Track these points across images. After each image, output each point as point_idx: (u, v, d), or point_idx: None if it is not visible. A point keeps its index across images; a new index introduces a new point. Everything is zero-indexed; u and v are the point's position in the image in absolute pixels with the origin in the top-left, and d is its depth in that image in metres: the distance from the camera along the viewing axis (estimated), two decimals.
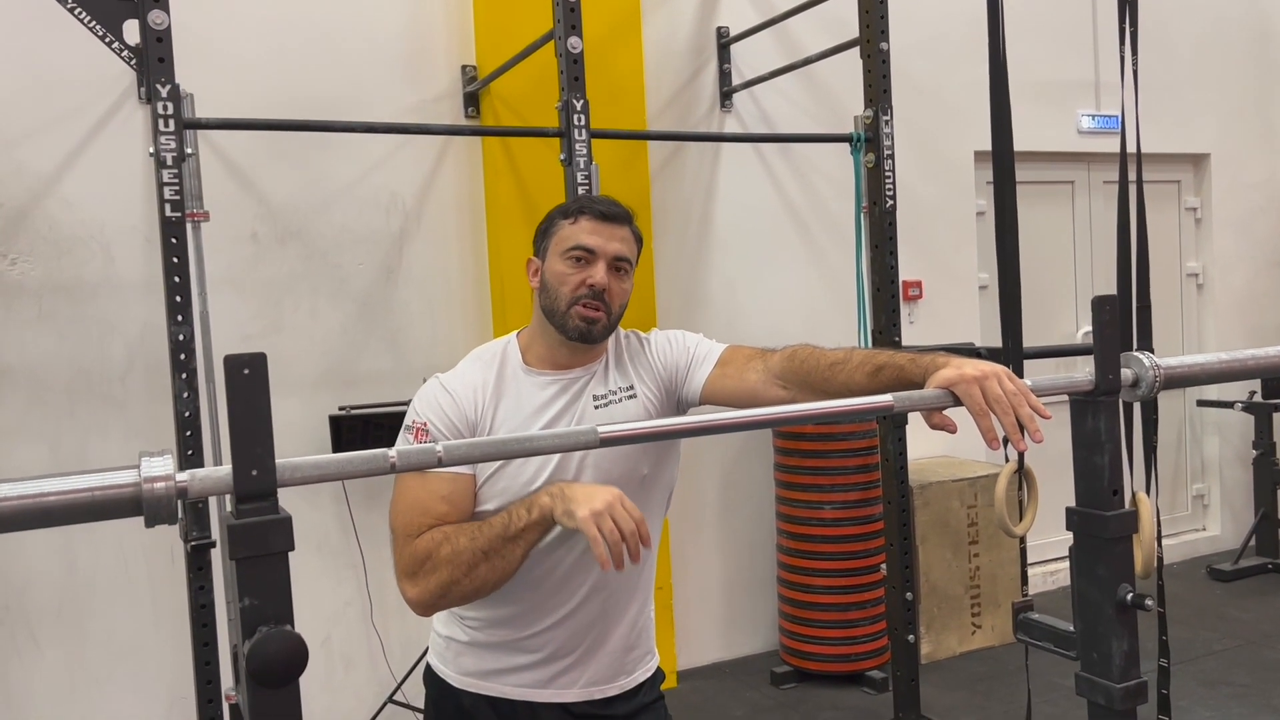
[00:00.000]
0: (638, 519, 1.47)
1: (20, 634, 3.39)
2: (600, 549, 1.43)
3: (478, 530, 1.57)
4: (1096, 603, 1.33)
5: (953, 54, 4.77)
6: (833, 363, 1.58)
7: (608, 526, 1.44)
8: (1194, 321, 5.84)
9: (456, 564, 1.56)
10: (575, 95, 3.13)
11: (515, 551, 1.55)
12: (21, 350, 3.36)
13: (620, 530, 1.45)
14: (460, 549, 1.56)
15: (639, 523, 1.47)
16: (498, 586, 1.60)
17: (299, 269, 3.72)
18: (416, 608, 1.62)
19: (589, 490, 1.49)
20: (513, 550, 1.55)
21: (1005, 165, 2.72)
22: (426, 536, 1.60)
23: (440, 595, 1.59)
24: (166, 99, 2.76)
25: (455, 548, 1.56)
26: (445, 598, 1.60)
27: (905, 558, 3.68)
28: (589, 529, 1.44)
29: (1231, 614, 4.77)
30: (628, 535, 1.45)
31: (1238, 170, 5.79)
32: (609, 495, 1.47)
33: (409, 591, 1.61)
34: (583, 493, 1.49)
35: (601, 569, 1.45)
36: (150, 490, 0.93)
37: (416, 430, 1.68)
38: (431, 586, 1.58)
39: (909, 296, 4.75)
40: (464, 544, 1.56)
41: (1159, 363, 1.37)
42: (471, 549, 1.55)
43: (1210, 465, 5.90)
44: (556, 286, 1.69)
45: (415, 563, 1.59)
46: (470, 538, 1.56)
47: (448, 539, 1.58)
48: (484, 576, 1.56)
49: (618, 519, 1.45)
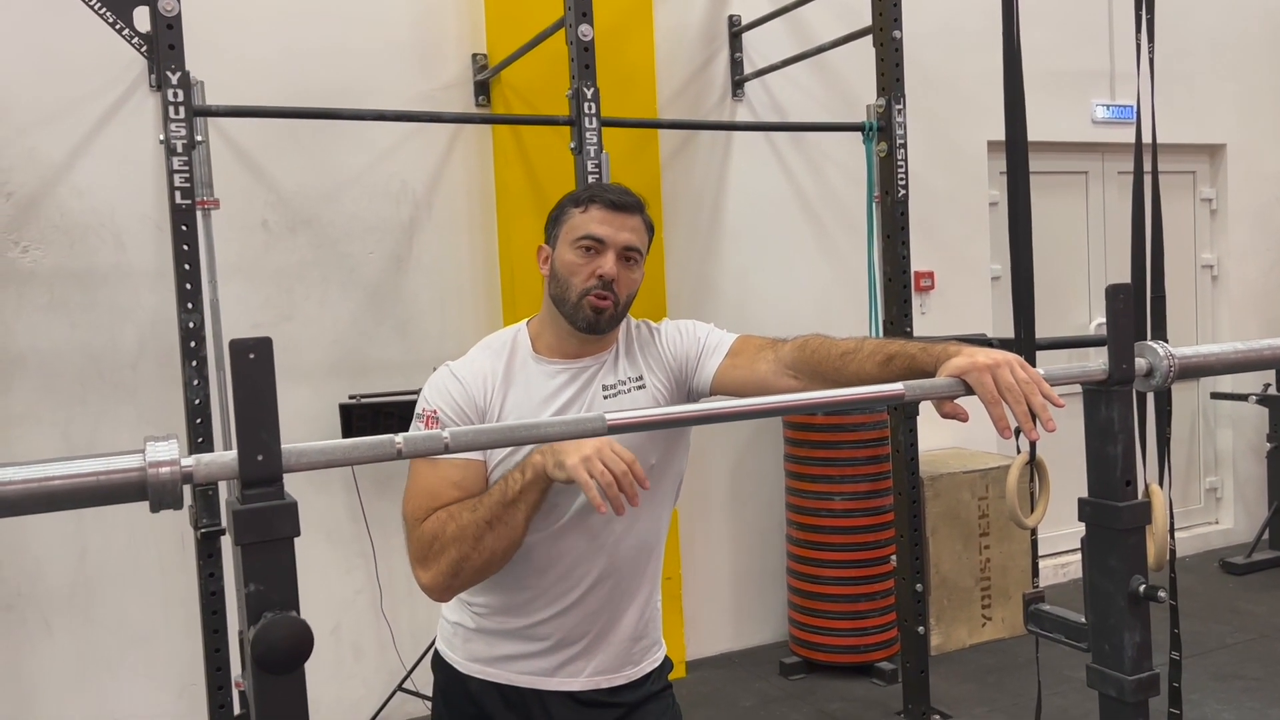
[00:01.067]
0: (629, 460, 1.47)
1: (32, 619, 3.41)
2: (593, 493, 1.44)
3: (478, 503, 1.58)
4: (1108, 594, 1.32)
5: (966, 43, 4.73)
6: (844, 352, 1.57)
7: (598, 469, 1.44)
8: (1208, 313, 5.81)
9: (463, 539, 1.56)
10: (586, 83, 3.12)
11: (517, 516, 1.56)
12: (33, 337, 3.37)
13: (611, 472, 1.45)
14: (464, 524, 1.57)
15: (630, 463, 1.46)
16: (508, 556, 1.60)
17: (309, 257, 3.72)
18: (432, 592, 1.62)
19: (578, 441, 1.48)
20: (514, 515, 1.55)
21: (1019, 155, 2.69)
22: (431, 519, 1.60)
23: (452, 574, 1.59)
24: (177, 86, 2.76)
25: (459, 524, 1.57)
26: (458, 576, 1.60)
27: (915, 549, 3.67)
28: (580, 474, 1.45)
29: (1244, 607, 4.75)
30: (619, 476, 1.45)
31: (1254, 161, 5.74)
32: (597, 441, 1.47)
33: (422, 577, 1.61)
34: (571, 444, 1.49)
35: (599, 512, 1.45)
36: (155, 475, 0.93)
37: (427, 418, 1.68)
38: (443, 567, 1.58)
39: (921, 287, 4.73)
40: (467, 518, 1.57)
41: (1173, 352, 1.35)
42: (475, 521, 1.56)
43: (1224, 458, 5.87)
44: (566, 276, 1.69)
45: (424, 546, 1.60)
46: (472, 510, 1.57)
47: (451, 517, 1.59)
48: (491, 546, 1.57)
49: (608, 461, 1.45)
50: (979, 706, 3.83)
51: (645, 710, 1.80)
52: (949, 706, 3.79)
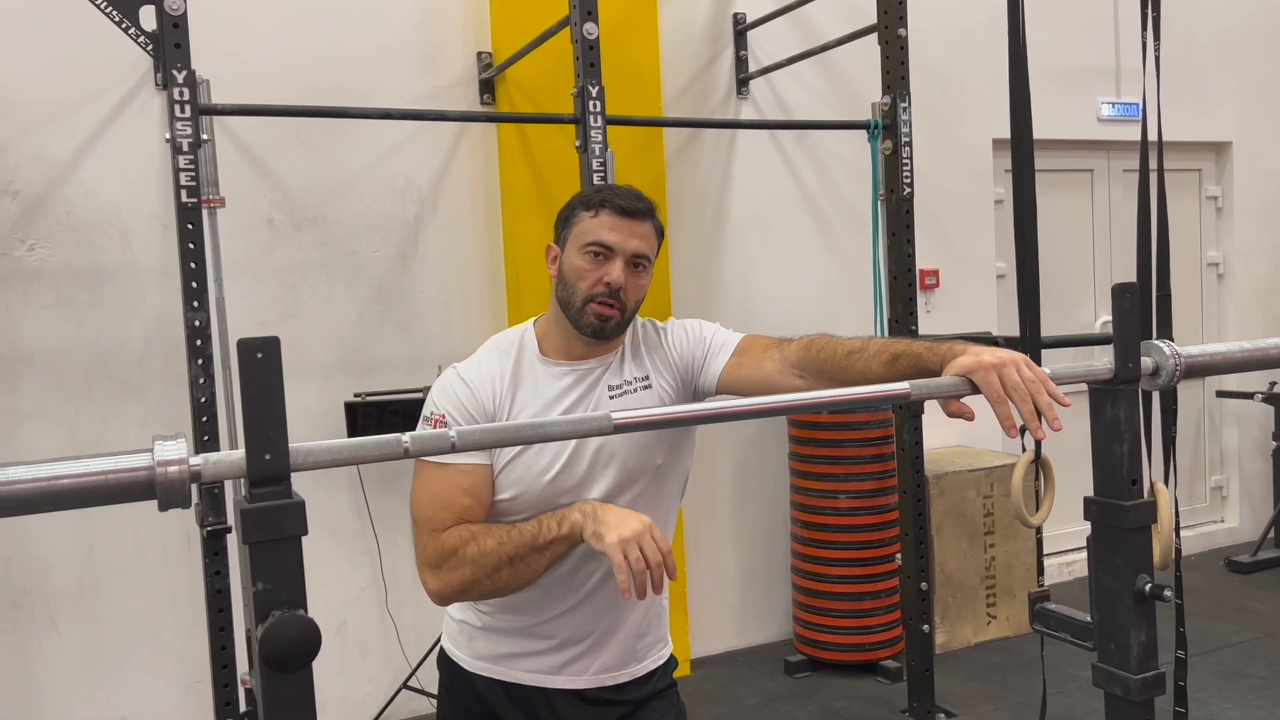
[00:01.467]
0: (665, 550, 1.48)
1: (39, 616, 3.42)
2: (623, 576, 1.45)
3: (506, 535, 1.58)
4: (1114, 593, 1.32)
5: (972, 41, 4.72)
6: (849, 351, 1.57)
7: (634, 555, 1.45)
8: (1214, 311, 5.79)
9: (481, 565, 1.58)
10: (591, 81, 3.12)
11: (540, 562, 1.58)
12: (40, 336, 3.38)
13: (646, 560, 1.46)
14: (486, 551, 1.58)
15: (665, 554, 1.48)
16: (518, 591, 1.63)
17: (315, 256, 3.73)
18: (435, 598, 1.65)
19: (621, 515, 1.50)
20: (538, 560, 1.58)
21: (1024, 153, 2.69)
22: (454, 533, 1.61)
23: (461, 591, 1.62)
24: (182, 85, 2.77)
25: (481, 549, 1.58)
26: (465, 594, 1.63)
27: (920, 547, 3.66)
28: (615, 555, 1.45)
29: (1250, 606, 4.74)
30: (653, 566, 1.46)
31: (1259, 159, 5.72)
32: (639, 524, 1.48)
33: (431, 583, 1.63)
34: (614, 516, 1.50)
35: (622, 597, 1.47)
36: (164, 474, 0.93)
37: (435, 421, 1.68)
38: (454, 582, 1.60)
39: (926, 285, 4.72)
40: (490, 546, 1.58)
41: (1179, 351, 1.35)
42: (498, 553, 1.57)
43: (1229, 457, 5.86)
44: (573, 281, 1.68)
45: (440, 557, 1.61)
46: (499, 542, 1.58)
47: (475, 539, 1.59)
48: (506, 580, 1.59)
49: (645, 549, 1.46)
50: (984, 705, 3.83)
51: (650, 708, 1.80)
52: (954, 705, 3.79)
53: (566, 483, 1.66)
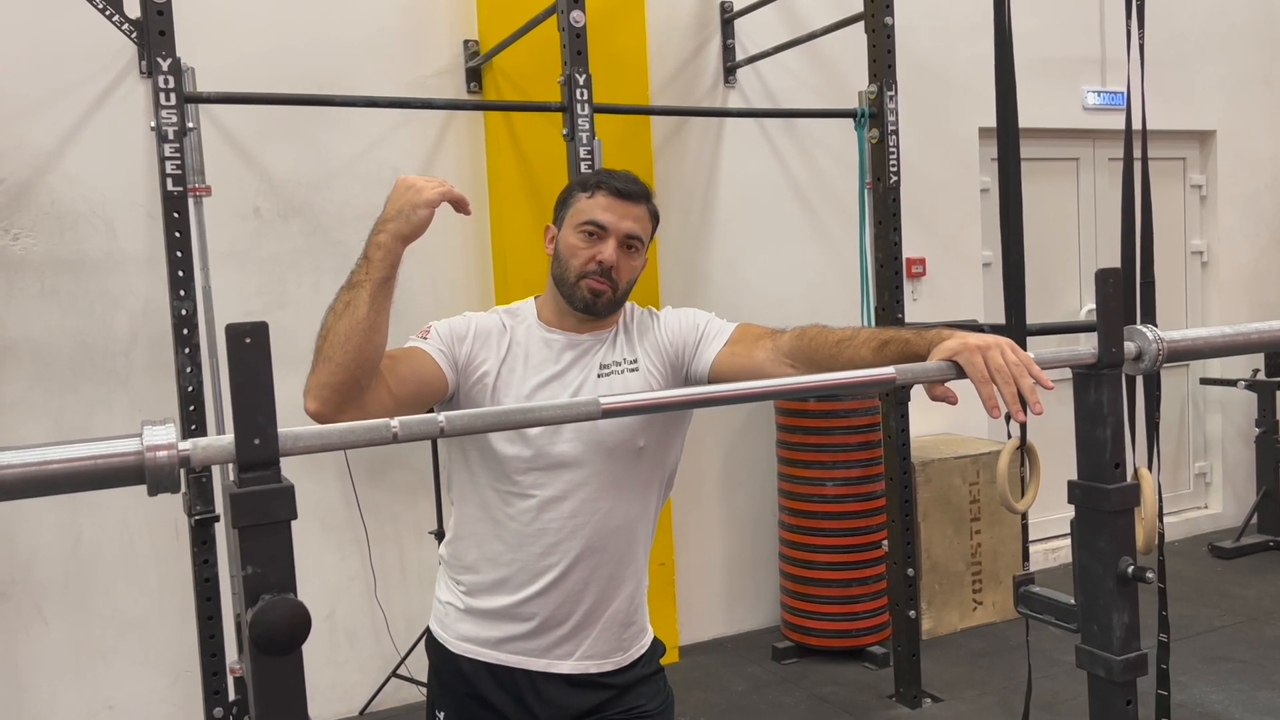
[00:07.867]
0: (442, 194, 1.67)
1: (26, 608, 3.41)
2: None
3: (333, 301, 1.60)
4: (1097, 575, 1.33)
5: (958, 29, 4.74)
6: (839, 340, 1.59)
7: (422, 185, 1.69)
8: (1198, 299, 5.83)
9: (320, 341, 1.55)
10: (578, 70, 3.11)
11: (360, 296, 1.56)
12: (25, 325, 3.37)
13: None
14: (323, 324, 1.56)
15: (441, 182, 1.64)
16: (369, 355, 1.55)
17: (301, 245, 3.72)
18: (315, 415, 1.52)
19: (408, 183, 1.72)
20: (358, 295, 1.57)
21: (1010, 141, 2.70)
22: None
23: (323, 384, 1.52)
24: (167, 73, 2.76)
25: (321, 330, 1.56)
26: (328, 383, 1.52)
27: (907, 534, 3.69)
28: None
29: (1233, 591, 4.79)
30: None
31: (1243, 147, 5.75)
32: (429, 180, 1.65)
33: (308, 404, 1.53)
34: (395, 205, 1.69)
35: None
36: (153, 458, 0.93)
37: (421, 331, 1.74)
38: (313, 381, 1.52)
39: (912, 273, 4.74)
40: (324, 319, 1.57)
41: (1162, 336, 1.36)
42: (326, 319, 1.57)
43: (1213, 443, 5.90)
44: (567, 258, 1.74)
45: (310, 377, 1.55)
46: (327, 309, 1.59)
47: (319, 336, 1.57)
48: (345, 335, 1.53)
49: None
50: (970, 689, 3.86)
51: (637, 692, 1.81)
52: (940, 690, 3.82)
53: (533, 429, 1.68)
